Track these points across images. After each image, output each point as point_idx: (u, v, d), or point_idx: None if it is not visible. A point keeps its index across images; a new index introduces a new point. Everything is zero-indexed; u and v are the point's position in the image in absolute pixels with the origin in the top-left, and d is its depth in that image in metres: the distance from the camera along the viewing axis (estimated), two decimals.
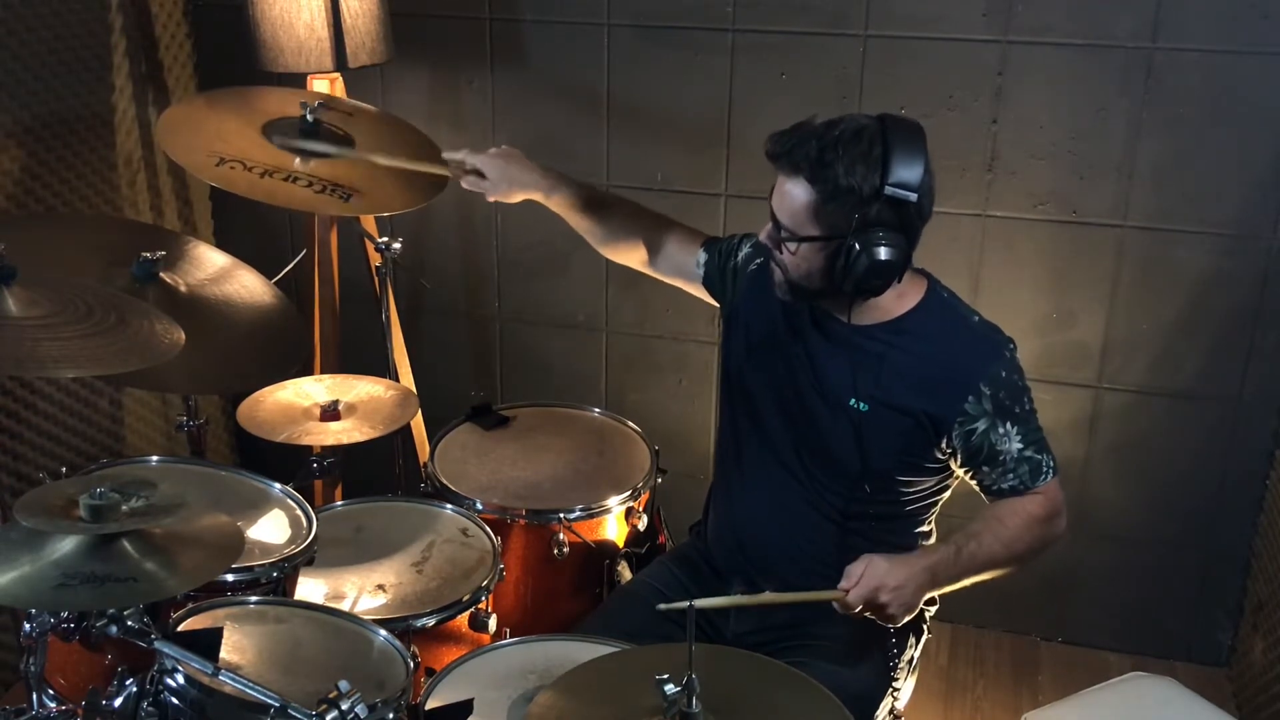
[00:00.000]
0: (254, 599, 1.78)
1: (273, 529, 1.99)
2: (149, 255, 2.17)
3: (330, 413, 2.29)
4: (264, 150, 2.26)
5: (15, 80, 2.51)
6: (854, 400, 1.93)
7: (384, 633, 1.75)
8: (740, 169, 2.84)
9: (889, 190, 1.77)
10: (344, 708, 1.40)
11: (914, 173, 1.78)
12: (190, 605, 1.70)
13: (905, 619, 1.82)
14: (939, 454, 1.93)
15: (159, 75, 2.97)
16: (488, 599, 2.06)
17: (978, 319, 1.96)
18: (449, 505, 2.26)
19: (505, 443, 2.51)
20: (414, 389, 2.72)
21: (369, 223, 2.73)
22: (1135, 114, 2.58)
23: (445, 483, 2.33)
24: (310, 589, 2.02)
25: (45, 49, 2.58)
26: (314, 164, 2.27)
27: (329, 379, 2.45)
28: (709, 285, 2.17)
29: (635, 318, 3.05)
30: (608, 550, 2.31)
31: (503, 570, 2.14)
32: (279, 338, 2.33)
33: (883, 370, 1.92)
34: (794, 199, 1.82)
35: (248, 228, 3.15)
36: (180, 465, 2.17)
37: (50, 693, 1.73)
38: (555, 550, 2.24)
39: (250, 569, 1.84)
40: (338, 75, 2.60)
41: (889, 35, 2.65)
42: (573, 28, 2.84)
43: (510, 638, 1.95)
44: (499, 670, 1.82)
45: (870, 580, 1.78)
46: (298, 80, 2.61)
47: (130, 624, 1.48)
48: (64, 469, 2.26)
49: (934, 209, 1.86)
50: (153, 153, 2.96)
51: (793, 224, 1.84)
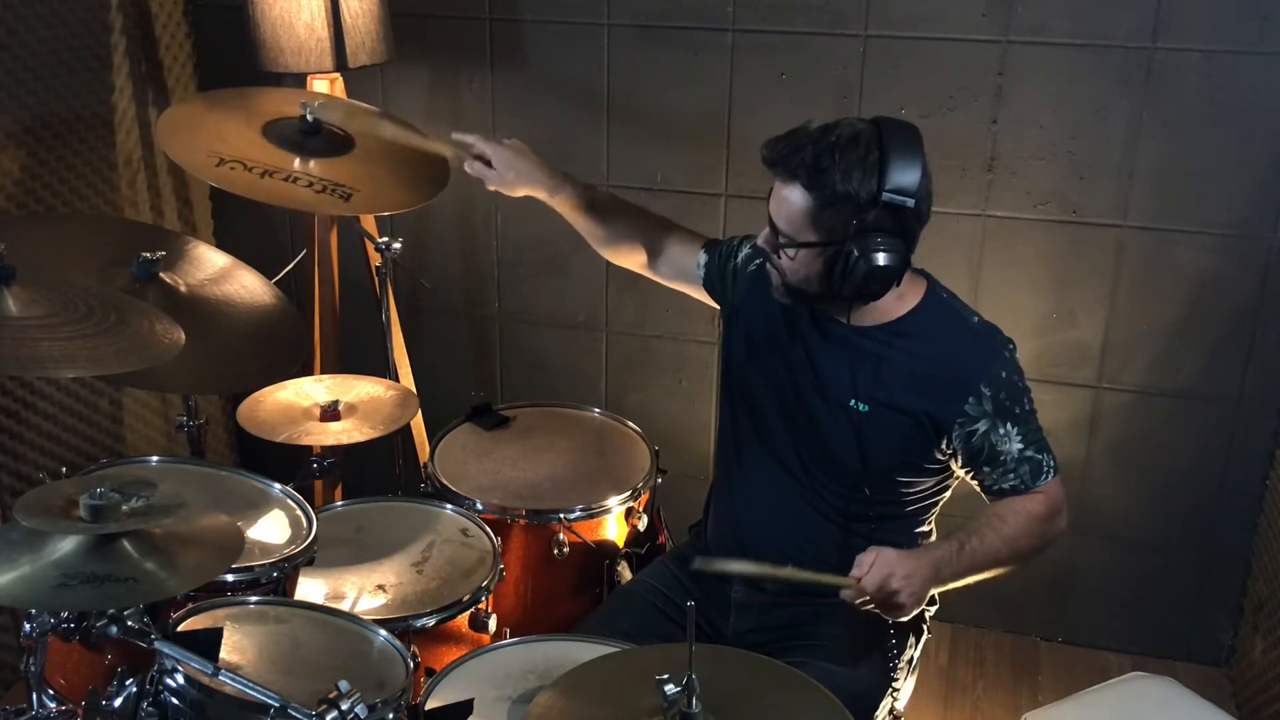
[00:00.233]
0: (254, 599, 1.78)
1: (273, 529, 1.99)
2: (149, 255, 2.17)
3: (330, 413, 2.29)
4: (264, 150, 2.26)
5: (15, 80, 2.51)
6: (854, 401, 1.93)
7: (384, 633, 1.75)
8: (740, 169, 2.84)
9: (886, 196, 1.77)
10: (344, 708, 1.40)
11: (911, 177, 1.78)
12: (190, 605, 1.70)
13: (913, 611, 1.82)
14: (939, 454, 1.94)
15: (159, 75, 2.97)
16: (488, 599, 2.06)
17: (977, 320, 1.96)
18: (449, 505, 2.26)
19: (505, 443, 2.51)
20: (414, 389, 2.72)
21: (369, 223, 2.73)
22: (1135, 114, 2.58)
23: (445, 483, 2.33)
24: (310, 589, 2.02)
25: (45, 49, 2.58)
26: (315, 164, 2.27)
27: (329, 379, 2.45)
28: (709, 287, 2.17)
29: (635, 318, 3.05)
30: (608, 550, 2.31)
31: (503, 570, 2.14)
32: (279, 338, 2.33)
33: (883, 371, 1.92)
34: (791, 205, 1.82)
35: (248, 228, 3.15)
36: (180, 465, 2.17)
37: (50, 693, 1.73)
38: (555, 550, 2.24)
39: (250, 569, 1.84)
40: (338, 75, 2.60)
41: (889, 35, 2.65)
42: (573, 28, 2.84)
43: (510, 638, 1.95)
44: (499, 670, 1.82)
45: (882, 568, 1.79)
46: (298, 80, 2.61)
47: (130, 624, 1.47)
48: (64, 469, 2.26)
49: (933, 209, 1.87)
50: (153, 153, 2.96)
51: (790, 229, 1.84)
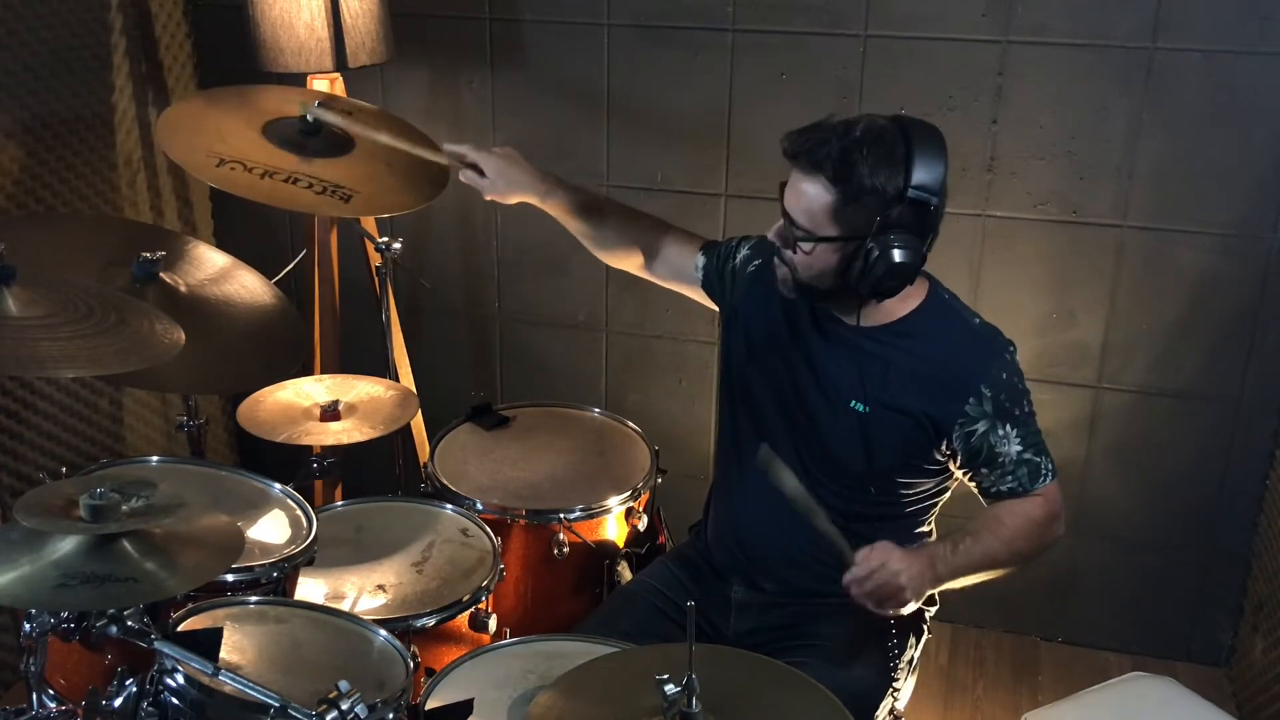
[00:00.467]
0: (254, 599, 1.78)
1: (273, 529, 1.99)
2: (149, 255, 2.17)
3: (330, 413, 2.29)
4: (264, 150, 2.26)
5: (15, 80, 2.51)
6: (854, 401, 1.93)
7: (384, 633, 1.75)
8: (740, 169, 2.84)
9: (912, 193, 1.76)
10: (344, 708, 1.40)
11: (935, 175, 1.77)
12: (190, 605, 1.70)
13: (912, 602, 1.81)
14: (939, 455, 1.94)
15: (159, 75, 2.97)
16: (488, 599, 2.06)
17: (978, 321, 1.96)
18: (449, 505, 2.26)
19: (505, 443, 2.51)
20: (414, 389, 2.72)
21: (369, 223, 2.73)
22: (1135, 114, 2.58)
23: (445, 483, 2.33)
24: (310, 589, 2.02)
25: (45, 49, 2.58)
26: (316, 164, 2.28)
27: (329, 379, 2.45)
28: (708, 288, 2.16)
29: (635, 318, 3.05)
30: (608, 550, 2.31)
31: (503, 570, 2.14)
32: (279, 338, 2.33)
33: (883, 372, 1.92)
34: (813, 198, 1.81)
35: (248, 228, 3.15)
36: (180, 465, 2.17)
37: (50, 693, 1.73)
38: (555, 550, 2.24)
39: (250, 569, 1.84)
40: (338, 75, 2.60)
41: (889, 35, 2.65)
42: (573, 28, 2.84)
43: (510, 638, 1.95)
44: (499, 670, 1.82)
45: (882, 553, 1.79)
46: (298, 80, 2.60)
47: (130, 624, 1.47)
48: (64, 469, 2.26)
49: None
50: (153, 153, 2.96)
51: (809, 223, 1.82)
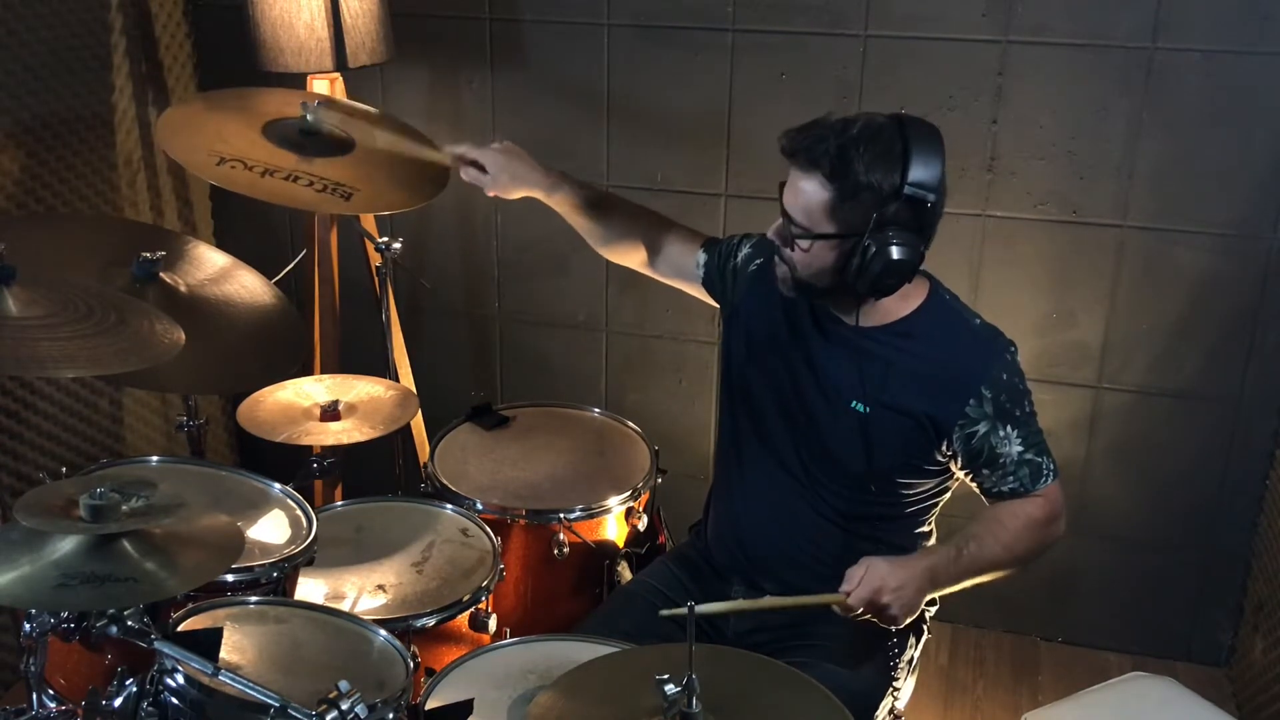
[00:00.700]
0: (254, 599, 1.78)
1: (273, 529, 1.99)
2: (149, 255, 2.17)
3: (330, 413, 2.29)
4: (264, 150, 2.26)
5: (15, 80, 2.51)
6: (855, 402, 1.93)
7: (384, 633, 1.75)
8: (740, 169, 2.83)
9: (909, 190, 1.76)
10: (344, 708, 1.40)
11: (933, 172, 1.77)
12: (190, 605, 1.70)
13: (906, 621, 1.82)
14: (939, 456, 1.93)
15: (159, 75, 2.97)
16: (488, 599, 2.06)
17: (979, 321, 1.96)
18: (449, 505, 2.26)
19: (505, 443, 2.51)
20: (414, 389, 2.72)
21: (369, 223, 2.73)
22: (1135, 114, 2.58)
23: (445, 483, 2.33)
24: (310, 589, 2.02)
25: (45, 49, 2.58)
26: (316, 163, 2.27)
27: (329, 379, 2.45)
28: (709, 286, 2.16)
29: (635, 318, 3.05)
30: (608, 550, 2.31)
31: (503, 570, 2.14)
32: (279, 338, 2.33)
33: (884, 372, 1.91)
34: (810, 195, 1.81)
35: (248, 228, 3.15)
36: (180, 465, 2.17)
37: (50, 693, 1.73)
38: (555, 550, 2.24)
39: (250, 569, 1.84)
40: (338, 75, 2.60)
41: (889, 35, 2.65)
42: (573, 28, 2.84)
43: (510, 638, 1.95)
44: (499, 670, 1.82)
45: (871, 582, 1.78)
46: (298, 80, 2.60)
47: (130, 624, 1.47)
48: (64, 469, 2.26)
49: None
50: (153, 153, 2.96)
51: (807, 221, 1.82)
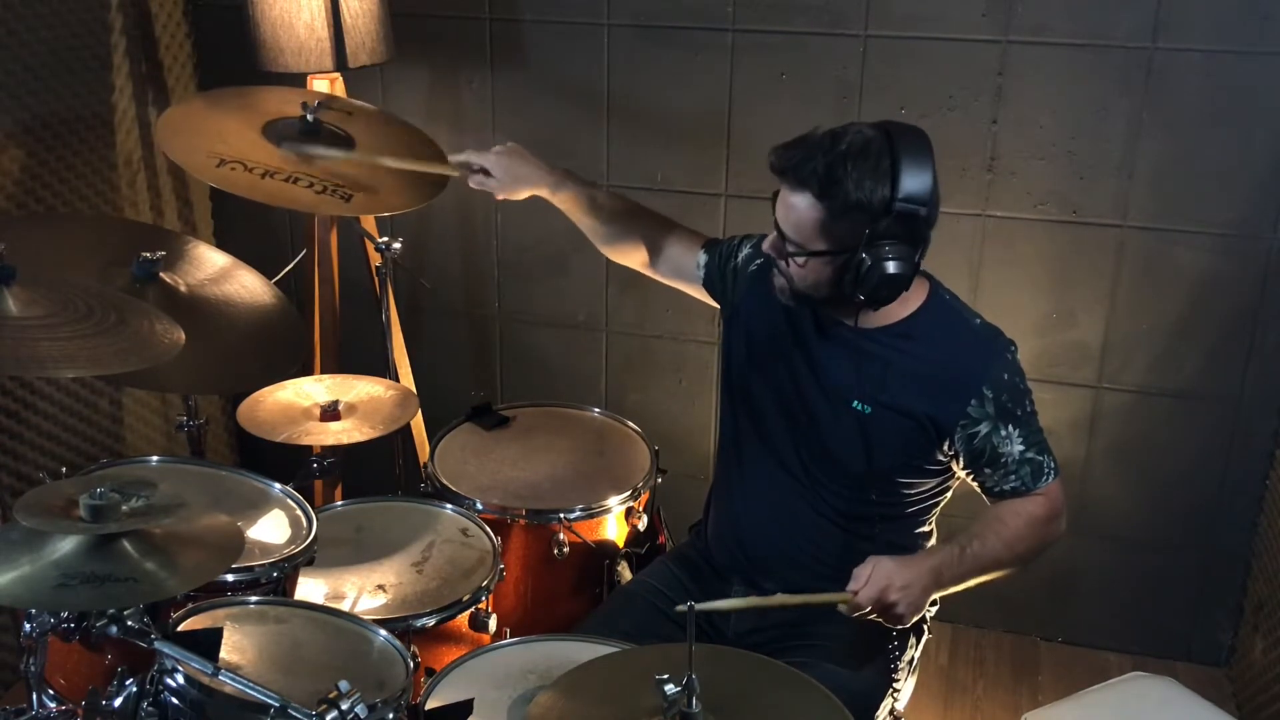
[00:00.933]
0: (254, 599, 1.78)
1: (273, 529, 1.99)
2: (149, 255, 2.17)
3: (330, 413, 2.29)
4: (264, 151, 2.26)
5: (15, 80, 2.51)
6: (856, 402, 1.93)
7: (384, 633, 1.75)
8: (740, 169, 2.83)
9: (899, 205, 1.75)
10: (344, 708, 1.40)
11: (922, 184, 1.77)
12: (190, 605, 1.70)
13: (913, 619, 1.82)
14: (940, 456, 1.93)
15: (159, 75, 2.97)
16: (488, 599, 2.06)
17: (979, 322, 1.96)
18: (449, 505, 2.26)
19: (505, 443, 2.51)
20: (414, 389, 2.72)
21: (369, 223, 2.73)
22: (1135, 114, 2.58)
23: (445, 483, 2.33)
24: (310, 589, 2.02)
25: (45, 49, 2.58)
26: (316, 164, 2.27)
27: (329, 379, 2.45)
28: (709, 286, 2.17)
29: (635, 318, 3.05)
30: (608, 550, 2.31)
31: (503, 570, 2.14)
32: (279, 338, 2.33)
33: (886, 373, 1.91)
34: (801, 213, 1.81)
35: (248, 228, 3.15)
36: (180, 465, 2.17)
37: (50, 693, 1.73)
38: (555, 550, 2.24)
39: (250, 569, 1.84)
40: (338, 75, 2.60)
41: (889, 35, 2.65)
42: (573, 28, 2.84)
43: (510, 638, 1.95)
44: (499, 670, 1.82)
45: (878, 581, 1.78)
46: (298, 80, 2.60)
47: (130, 624, 1.47)
48: (64, 469, 2.26)
49: None
50: (153, 153, 2.96)
51: (799, 238, 1.83)
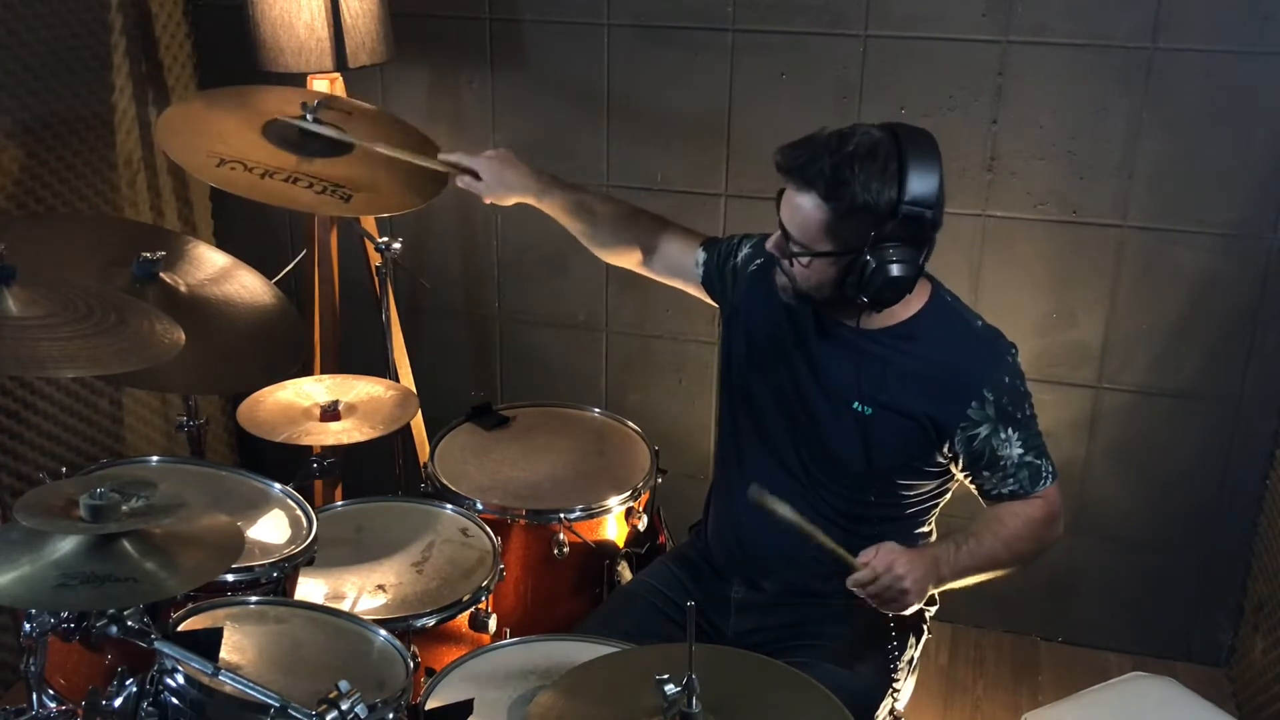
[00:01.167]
0: (254, 599, 1.78)
1: (273, 529, 1.99)
2: (149, 255, 2.17)
3: (330, 413, 2.29)
4: (264, 150, 2.26)
5: (15, 80, 2.51)
6: (857, 403, 1.93)
7: (384, 633, 1.75)
8: (740, 169, 2.83)
9: (905, 208, 1.75)
10: (344, 708, 1.40)
11: (929, 187, 1.77)
12: (190, 605, 1.70)
13: (914, 604, 1.82)
14: (940, 458, 1.94)
15: (159, 75, 2.97)
16: (488, 599, 2.06)
17: (981, 324, 1.96)
18: (449, 505, 2.26)
19: (505, 443, 2.51)
20: (414, 389, 2.72)
21: (369, 223, 2.73)
22: (1135, 114, 2.58)
23: (445, 483, 2.33)
24: (310, 589, 2.02)
25: (45, 49, 2.58)
26: (316, 164, 2.27)
27: (329, 379, 2.45)
28: (708, 285, 2.16)
29: (635, 318, 3.05)
30: (608, 550, 2.31)
31: (503, 570, 2.14)
32: (279, 338, 2.33)
33: (886, 374, 1.91)
34: (806, 214, 1.81)
35: (248, 228, 3.15)
36: (180, 465, 2.17)
37: (50, 693, 1.73)
38: (555, 550, 2.24)
39: (250, 569, 1.84)
40: (338, 75, 2.60)
41: (889, 35, 2.65)
42: (573, 28, 2.84)
43: (510, 638, 1.95)
44: (499, 670, 1.82)
45: (886, 556, 1.79)
46: (298, 80, 2.60)
47: (130, 624, 1.47)
48: (64, 469, 2.26)
49: None
50: (153, 153, 2.96)
51: (804, 238, 1.82)
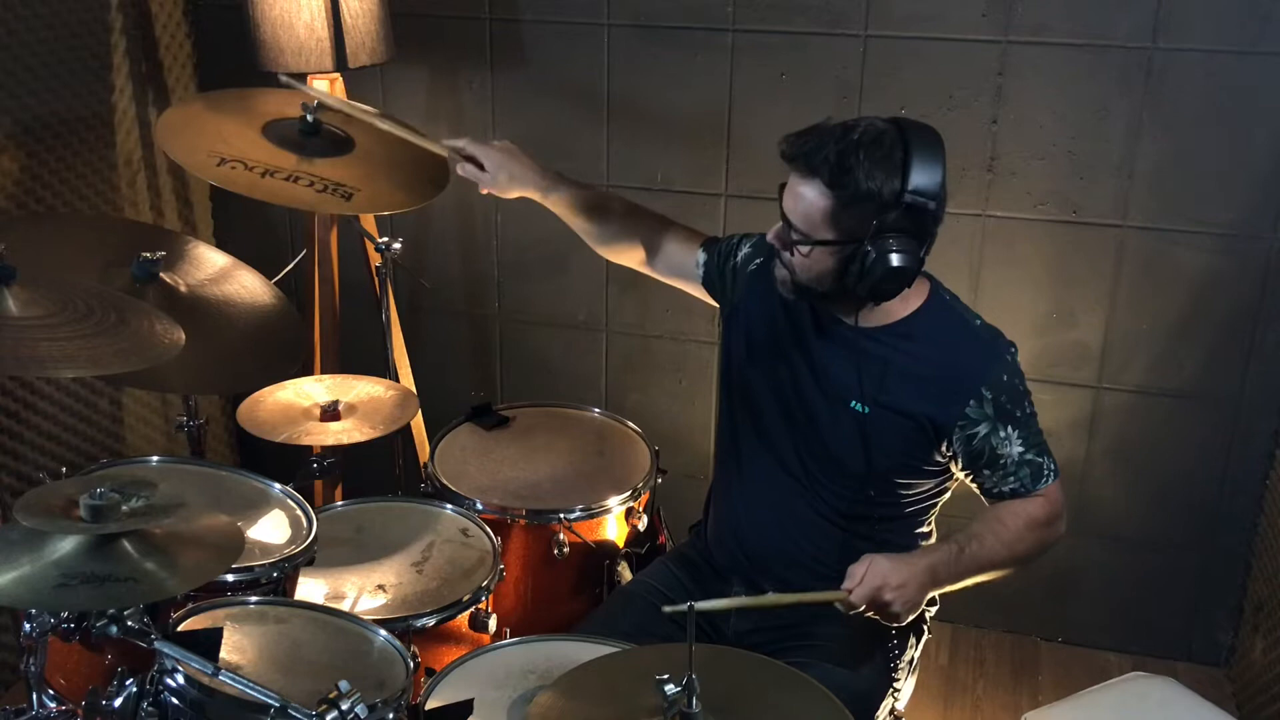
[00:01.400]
0: (254, 599, 1.78)
1: (273, 529, 1.99)
2: (149, 255, 2.17)
3: (330, 413, 2.29)
4: (264, 150, 2.26)
5: (15, 80, 2.51)
6: (856, 402, 1.93)
7: (384, 633, 1.75)
8: (740, 169, 2.84)
9: (909, 197, 1.75)
10: (344, 708, 1.40)
11: (933, 178, 1.76)
12: (190, 605, 1.70)
13: (909, 618, 1.82)
14: (939, 457, 1.93)
15: (159, 75, 2.97)
16: (488, 599, 2.06)
17: (979, 322, 1.96)
18: (449, 505, 2.26)
19: (505, 443, 2.51)
20: (414, 389, 2.72)
21: (369, 223, 2.73)
22: (1135, 114, 2.58)
23: (445, 483, 2.33)
24: (310, 589, 2.02)
25: (45, 49, 2.58)
26: (316, 163, 2.27)
27: (329, 379, 2.45)
28: (708, 285, 2.16)
29: (635, 318, 3.05)
30: (608, 550, 2.31)
31: (503, 570, 2.14)
32: (279, 338, 2.33)
33: (885, 373, 1.91)
34: (810, 202, 1.80)
35: (248, 228, 3.15)
36: (180, 465, 2.17)
37: (50, 693, 1.73)
38: (555, 550, 2.24)
39: (250, 569, 1.84)
40: (338, 75, 2.60)
41: (889, 35, 2.65)
42: (573, 28, 2.84)
43: (510, 638, 1.95)
44: (499, 670, 1.82)
45: (873, 580, 1.78)
46: (298, 80, 2.60)
47: (130, 624, 1.48)
48: (64, 469, 2.26)
49: None
50: (153, 153, 2.96)
51: (806, 227, 1.82)
